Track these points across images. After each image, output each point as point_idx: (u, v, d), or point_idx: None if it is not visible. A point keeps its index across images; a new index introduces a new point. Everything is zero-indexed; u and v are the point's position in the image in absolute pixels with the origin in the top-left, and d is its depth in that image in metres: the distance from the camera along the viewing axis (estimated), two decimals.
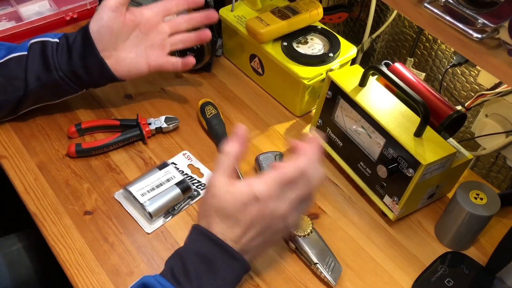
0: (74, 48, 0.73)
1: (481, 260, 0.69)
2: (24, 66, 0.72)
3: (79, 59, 0.73)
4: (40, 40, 0.74)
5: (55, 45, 0.73)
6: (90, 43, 0.72)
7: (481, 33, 0.47)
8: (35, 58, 0.72)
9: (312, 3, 0.87)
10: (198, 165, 0.77)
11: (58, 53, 0.73)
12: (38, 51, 0.73)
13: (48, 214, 0.70)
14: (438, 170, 0.67)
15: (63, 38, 0.74)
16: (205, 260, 0.52)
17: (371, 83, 0.74)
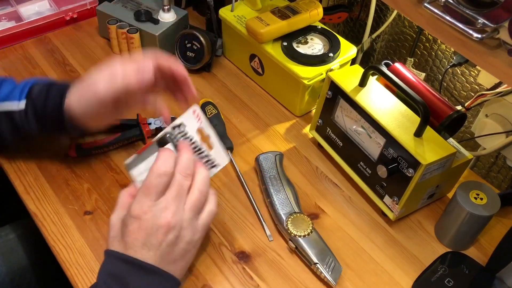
0: (46, 121, 0.65)
1: (481, 260, 0.69)
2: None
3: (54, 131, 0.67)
4: (5, 111, 0.66)
5: (23, 114, 0.65)
6: (63, 124, 0.65)
7: (481, 33, 0.47)
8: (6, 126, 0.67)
9: (312, 3, 0.87)
10: (208, 130, 0.64)
11: (29, 123, 0.66)
12: (7, 122, 0.66)
13: (48, 214, 0.70)
14: (438, 170, 0.67)
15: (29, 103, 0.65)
16: (115, 278, 0.54)
17: (371, 83, 0.74)
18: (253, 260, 0.67)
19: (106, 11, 0.96)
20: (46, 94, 0.65)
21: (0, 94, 0.66)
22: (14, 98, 0.65)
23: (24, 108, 0.65)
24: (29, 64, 0.94)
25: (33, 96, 0.65)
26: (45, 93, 0.65)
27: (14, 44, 0.98)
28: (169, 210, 0.55)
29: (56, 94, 0.64)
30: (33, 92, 0.66)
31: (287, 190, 0.72)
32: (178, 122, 0.63)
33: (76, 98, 0.63)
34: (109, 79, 0.60)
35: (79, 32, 1.02)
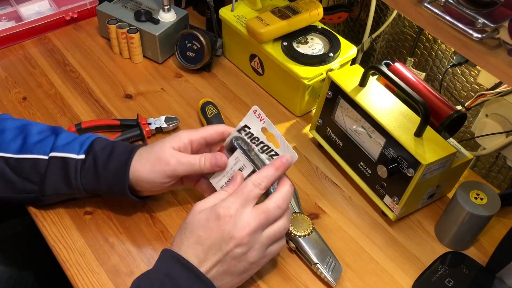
0: (102, 179, 0.63)
1: (481, 260, 0.69)
2: (41, 174, 0.64)
3: (107, 191, 0.65)
4: (62, 156, 0.64)
5: (80, 164, 0.64)
6: (124, 185, 0.63)
7: (481, 33, 0.47)
8: (56, 174, 0.64)
9: (312, 3, 0.87)
10: (272, 129, 0.64)
11: (82, 175, 0.64)
12: (59, 168, 0.63)
13: (48, 214, 0.70)
14: (438, 170, 0.67)
15: (90, 157, 0.64)
16: (170, 279, 0.54)
17: (371, 83, 0.74)
18: None
19: (106, 11, 0.96)
20: (110, 153, 0.64)
21: (58, 143, 0.65)
22: (74, 150, 0.64)
23: (83, 159, 0.64)
24: (29, 64, 0.94)
25: (96, 151, 0.64)
26: (109, 153, 0.64)
27: (14, 44, 0.98)
28: (250, 227, 0.56)
29: (121, 156, 0.63)
30: (95, 147, 0.64)
31: None
32: (242, 124, 0.63)
33: (144, 169, 0.62)
34: (187, 167, 0.62)
35: (79, 32, 1.02)
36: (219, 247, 0.55)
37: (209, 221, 0.56)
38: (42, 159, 0.64)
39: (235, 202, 0.56)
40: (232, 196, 0.57)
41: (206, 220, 0.56)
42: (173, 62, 0.98)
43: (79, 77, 0.92)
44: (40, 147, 0.64)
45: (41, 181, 0.64)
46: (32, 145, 0.65)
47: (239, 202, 0.56)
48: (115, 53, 0.98)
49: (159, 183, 0.63)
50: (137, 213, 0.72)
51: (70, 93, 0.89)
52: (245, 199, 0.57)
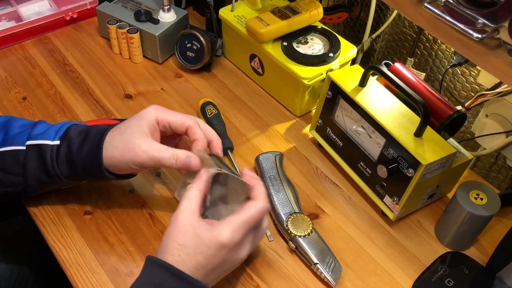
0: (78, 163, 0.63)
1: (481, 260, 0.69)
2: (21, 164, 0.64)
3: (84, 175, 0.65)
4: (37, 143, 0.64)
5: (55, 150, 0.63)
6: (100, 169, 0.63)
7: (481, 33, 0.47)
8: (34, 163, 0.63)
9: (312, 3, 0.87)
10: None
11: (58, 161, 0.63)
12: (35, 156, 0.63)
13: (48, 214, 0.70)
14: (438, 170, 0.67)
15: (64, 143, 0.64)
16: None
17: (371, 83, 0.74)
18: (253, 260, 0.67)
19: (106, 11, 0.96)
20: (83, 138, 0.64)
21: (34, 132, 0.65)
22: (49, 137, 0.64)
23: (58, 145, 0.64)
24: (29, 64, 0.94)
25: (70, 137, 0.64)
26: (82, 138, 0.64)
27: (14, 44, 0.98)
28: (251, 247, 0.59)
29: (93, 139, 0.63)
30: (69, 133, 0.65)
31: (287, 190, 0.72)
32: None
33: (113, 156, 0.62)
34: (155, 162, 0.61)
35: (79, 32, 1.02)
36: (221, 269, 0.57)
37: (210, 249, 0.54)
38: (20, 150, 0.64)
39: (240, 231, 0.56)
40: (238, 224, 0.56)
41: (207, 248, 0.54)
42: (173, 62, 0.98)
43: (79, 77, 0.92)
44: (18, 139, 0.65)
45: (23, 172, 0.64)
46: (11, 138, 0.65)
47: (244, 231, 0.56)
48: (115, 53, 0.98)
49: (129, 169, 0.62)
50: (137, 213, 0.72)
51: (70, 93, 0.89)
52: (250, 227, 0.58)
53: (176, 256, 0.54)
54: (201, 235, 0.54)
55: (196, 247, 0.54)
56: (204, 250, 0.54)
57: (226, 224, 0.55)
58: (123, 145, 0.61)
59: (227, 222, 0.56)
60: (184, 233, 0.55)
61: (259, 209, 0.58)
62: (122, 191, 0.74)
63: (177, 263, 0.54)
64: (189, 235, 0.55)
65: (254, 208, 0.57)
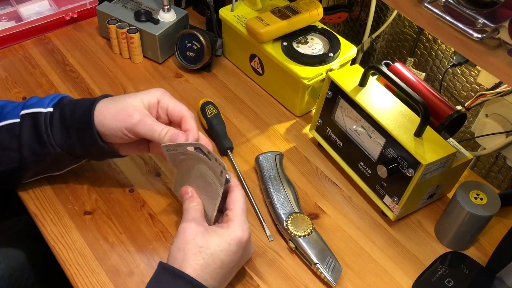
0: (71, 128, 0.63)
1: (481, 260, 0.69)
2: (17, 137, 0.64)
3: (78, 142, 0.64)
4: (31, 112, 0.64)
5: (48, 117, 0.64)
6: (92, 131, 0.63)
7: (481, 33, 0.47)
8: (28, 132, 0.64)
9: (312, 3, 0.87)
10: None
11: (52, 128, 0.64)
12: (30, 125, 0.64)
13: (48, 214, 0.70)
14: (438, 170, 0.67)
15: (57, 110, 0.64)
16: None
17: (371, 83, 0.74)
18: (253, 260, 0.67)
19: (106, 11, 0.96)
20: (76, 103, 0.65)
21: (28, 103, 0.66)
22: (42, 105, 0.65)
23: (51, 112, 0.64)
24: (29, 64, 0.94)
25: (62, 104, 0.65)
26: (75, 102, 0.65)
27: (14, 44, 0.98)
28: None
29: (86, 103, 0.64)
30: (62, 101, 0.66)
31: (287, 190, 0.72)
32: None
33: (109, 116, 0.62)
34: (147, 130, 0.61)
35: (79, 32, 1.02)
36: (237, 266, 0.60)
37: (231, 245, 0.56)
38: (15, 122, 0.65)
39: (246, 221, 0.59)
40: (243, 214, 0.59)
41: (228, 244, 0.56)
42: (173, 62, 0.98)
43: (79, 77, 0.93)
44: (13, 113, 0.65)
45: (18, 145, 0.64)
46: (6, 114, 0.66)
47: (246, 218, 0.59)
48: (115, 53, 0.98)
49: (119, 135, 0.62)
50: (137, 213, 0.72)
51: (70, 93, 0.89)
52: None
53: (200, 260, 0.54)
54: (219, 234, 0.56)
55: (217, 245, 0.55)
56: (225, 247, 0.55)
57: (233, 220, 0.58)
58: (121, 105, 0.62)
59: (232, 218, 0.58)
60: (202, 236, 0.55)
61: (241, 192, 0.60)
62: (122, 191, 0.74)
63: (201, 267, 0.54)
64: (207, 237, 0.55)
65: (240, 195, 0.60)
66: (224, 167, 0.57)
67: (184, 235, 0.56)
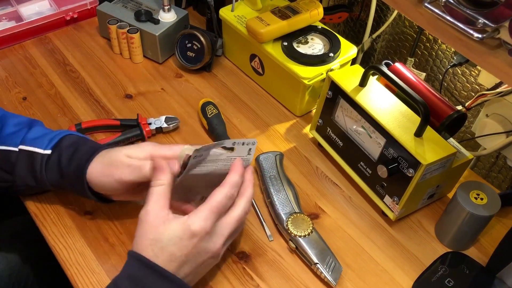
0: (65, 175, 0.64)
1: (481, 260, 0.69)
2: (12, 165, 0.65)
3: (70, 186, 0.65)
4: (29, 150, 0.65)
5: (45, 159, 0.64)
6: (83, 186, 0.63)
7: (481, 33, 0.47)
8: (23, 166, 0.65)
9: (313, 3, 0.87)
10: None
11: (47, 170, 0.64)
12: (26, 161, 0.65)
13: (48, 214, 0.70)
14: (438, 170, 0.67)
15: (55, 153, 0.65)
16: (136, 282, 0.53)
17: (371, 83, 0.73)
18: (253, 260, 0.67)
19: (106, 11, 0.96)
20: (74, 152, 0.64)
21: (29, 136, 0.66)
22: (41, 145, 0.65)
23: (49, 154, 0.65)
24: (29, 64, 0.94)
25: (62, 148, 0.65)
26: (73, 151, 0.64)
27: (14, 44, 0.98)
28: (223, 237, 0.57)
29: (82, 157, 0.63)
30: (62, 144, 0.65)
31: (287, 190, 0.72)
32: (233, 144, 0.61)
33: (98, 173, 0.62)
34: (133, 170, 0.60)
35: (79, 32, 1.02)
36: (194, 261, 0.56)
37: (183, 240, 0.54)
38: (13, 151, 0.65)
39: (210, 218, 0.55)
40: (207, 211, 0.55)
41: (179, 239, 0.54)
42: (173, 62, 0.98)
43: (79, 77, 0.92)
44: (12, 139, 0.66)
45: (13, 171, 0.65)
46: (5, 137, 0.66)
47: (214, 217, 0.56)
48: (115, 53, 0.98)
49: (110, 188, 0.62)
50: (137, 213, 0.71)
51: (70, 93, 0.89)
52: (219, 213, 0.57)
53: (150, 252, 0.54)
54: (173, 227, 0.55)
55: (169, 239, 0.54)
56: (176, 241, 0.54)
57: (195, 213, 0.55)
58: (107, 160, 0.62)
59: (196, 211, 0.56)
60: (156, 228, 0.55)
61: (223, 194, 0.57)
62: None
63: (151, 258, 0.54)
64: (161, 230, 0.55)
65: (219, 194, 0.57)
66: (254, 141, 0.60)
67: (140, 225, 0.56)
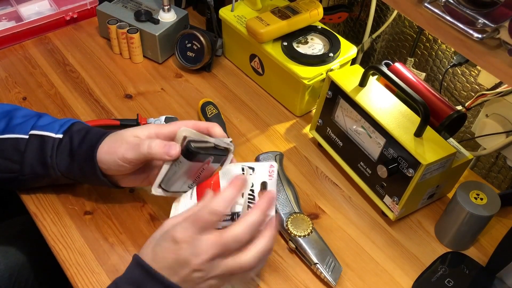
0: (76, 157, 0.64)
1: (481, 260, 0.69)
2: (21, 153, 0.65)
3: (79, 171, 0.65)
4: (41, 134, 0.65)
5: (57, 143, 0.65)
6: (94, 166, 0.63)
7: (481, 33, 0.47)
8: (33, 152, 0.65)
9: (312, 3, 0.87)
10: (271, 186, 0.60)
11: (58, 154, 0.65)
12: (37, 146, 0.65)
13: (48, 214, 0.70)
14: (438, 170, 0.67)
15: (66, 137, 0.65)
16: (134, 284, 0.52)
17: (371, 83, 0.73)
18: None
19: (106, 11, 0.96)
20: (85, 135, 0.65)
21: (39, 123, 0.66)
22: (53, 130, 0.66)
23: (60, 138, 0.65)
24: (29, 64, 0.94)
25: (72, 132, 0.66)
26: (84, 133, 0.65)
27: (14, 44, 0.98)
28: (207, 255, 0.51)
29: (93, 137, 0.64)
30: (73, 129, 0.66)
31: (287, 190, 0.72)
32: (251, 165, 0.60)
33: (104, 151, 0.62)
34: (133, 147, 0.60)
35: (79, 32, 1.02)
36: (174, 271, 0.52)
37: (166, 241, 0.53)
38: (22, 138, 0.65)
39: (190, 229, 0.52)
40: (189, 221, 0.52)
41: (163, 240, 0.53)
42: (173, 62, 0.98)
43: (79, 77, 0.93)
44: (21, 128, 0.66)
45: (21, 160, 0.65)
46: (14, 126, 0.67)
47: (196, 229, 0.52)
48: (115, 53, 0.98)
49: (115, 167, 0.62)
50: (137, 213, 0.72)
51: (70, 93, 0.89)
52: (202, 227, 0.52)
53: (143, 249, 0.55)
54: (164, 229, 0.54)
55: (158, 239, 0.54)
56: (160, 242, 0.54)
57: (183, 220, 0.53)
58: (113, 139, 0.63)
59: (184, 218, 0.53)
60: (157, 230, 0.56)
61: (209, 209, 0.52)
62: (122, 191, 0.74)
63: (141, 255, 0.54)
64: (158, 231, 0.55)
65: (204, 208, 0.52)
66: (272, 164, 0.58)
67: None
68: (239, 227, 0.52)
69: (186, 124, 0.61)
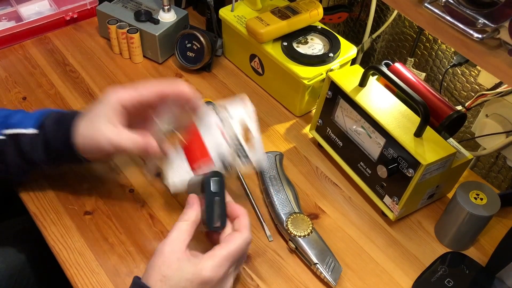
0: (53, 148, 0.64)
1: (481, 260, 0.69)
2: (2, 153, 0.65)
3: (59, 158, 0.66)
4: (14, 132, 0.65)
5: (34, 139, 0.64)
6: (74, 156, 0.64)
7: (481, 33, 0.47)
8: (12, 153, 0.65)
9: (312, 3, 0.87)
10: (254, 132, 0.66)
11: (36, 150, 0.64)
12: (14, 146, 0.65)
13: (48, 214, 0.70)
14: (438, 170, 0.67)
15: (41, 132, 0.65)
16: None
17: (371, 83, 0.73)
18: (253, 260, 0.67)
19: (106, 11, 0.96)
20: (57, 128, 0.64)
21: (11, 121, 0.66)
22: (26, 126, 0.65)
23: (35, 133, 0.65)
24: (29, 64, 0.94)
25: (46, 124, 0.65)
26: (56, 127, 0.65)
27: (14, 44, 0.98)
28: (231, 279, 0.57)
29: (65, 129, 0.63)
30: (46, 121, 0.65)
31: (287, 190, 0.72)
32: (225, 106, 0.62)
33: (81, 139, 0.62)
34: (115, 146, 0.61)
35: (79, 32, 1.02)
36: None
37: (193, 283, 0.53)
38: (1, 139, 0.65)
39: (224, 266, 0.54)
40: (221, 258, 0.54)
41: (190, 282, 0.53)
42: (173, 62, 0.98)
43: (79, 77, 0.92)
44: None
45: (4, 160, 0.65)
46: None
47: (229, 265, 0.55)
48: (115, 53, 0.98)
49: (100, 156, 0.65)
50: (137, 213, 0.72)
51: (70, 93, 0.89)
52: (234, 261, 0.56)
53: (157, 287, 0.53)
54: (185, 269, 0.53)
55: (179, 280, 0.53)
56: (186, 284, 0.53)
57: (210, 258, 0.54)
58: (90, 134, 0.62)
59: (211, 256, 0.54)
60: (169, 265, 0.54)
61: (243, 241, 0.56)
62: (122, 191, 0.74)
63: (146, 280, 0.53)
64: (173, 268, 0.53)
65: (239, 240, 0.56)
66: None
67: (156, 257, 0.55)
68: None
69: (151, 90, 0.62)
